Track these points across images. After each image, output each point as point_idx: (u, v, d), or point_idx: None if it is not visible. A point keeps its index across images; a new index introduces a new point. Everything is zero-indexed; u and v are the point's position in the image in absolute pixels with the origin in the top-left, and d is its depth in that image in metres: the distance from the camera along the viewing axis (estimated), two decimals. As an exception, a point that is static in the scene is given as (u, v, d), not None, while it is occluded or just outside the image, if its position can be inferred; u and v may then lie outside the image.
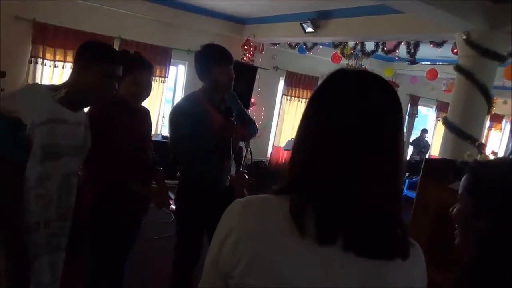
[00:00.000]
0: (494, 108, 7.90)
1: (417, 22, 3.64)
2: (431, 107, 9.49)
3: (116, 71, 1.50)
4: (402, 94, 8.28)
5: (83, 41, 1.55)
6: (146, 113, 2.05)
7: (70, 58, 4.97)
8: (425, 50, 4.92)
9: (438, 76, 6.53)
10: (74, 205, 1.61)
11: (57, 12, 4.84)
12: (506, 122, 10.52)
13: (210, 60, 2.16)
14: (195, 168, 2.22)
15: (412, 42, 4.41)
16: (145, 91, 1.88)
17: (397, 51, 4.74)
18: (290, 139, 6.67)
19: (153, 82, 2.00)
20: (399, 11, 3.69)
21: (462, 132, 3.17)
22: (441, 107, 9.42)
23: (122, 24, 5.32)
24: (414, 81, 7.77)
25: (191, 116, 2.14)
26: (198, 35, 5.91)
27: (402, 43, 4.54)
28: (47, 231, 1.46)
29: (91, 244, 1.85)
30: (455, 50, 3.91)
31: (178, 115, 2.20)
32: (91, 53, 1.46)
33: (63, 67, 5.00)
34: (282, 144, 6.90)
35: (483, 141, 3.25)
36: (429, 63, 6.30)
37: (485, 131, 10.55)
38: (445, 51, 4.85)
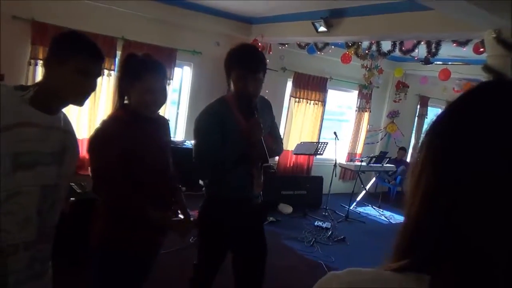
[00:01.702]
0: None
1: (439, 21, 3.43)
2: (440, 108, 9.27)
3: (93, 67, 1.31)
4: (411, 94, 8.07)
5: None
6: (163, 123, 1.83)
7: None
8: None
9: (451, 76, 6.33)
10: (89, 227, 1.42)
11: (57, 12, 4.63)
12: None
13: (231, 62, 1.95)
14: (223, 184, 2.01)
15: (433, 41, 4.19)
16: (160, 98, 1.65)
17: (416, 50, 4.52)
18: (300, 142, 6.46)
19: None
20: (419, 8, 3.50)
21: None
22: (451, 108, 9.20)
23: (125, 24, 5.12)
24: (425, 82, 7.56)
25: (222, 123, 1.92)
26: (204, 35, 5.72)
27: (422, 43, 4.33)
28: (28, 254, 1.26)
29: (99, 277, 1.64)
30: (481, 50, 3.71)
31: (207, 121, 1.97)
32: (64, 47, 1.28)
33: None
34: (290, 147, 6.69)
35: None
36: (441, 63, 6.09)
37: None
38: (458, 51, 4.65)
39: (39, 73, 4.67)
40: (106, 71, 5.06)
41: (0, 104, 1.15)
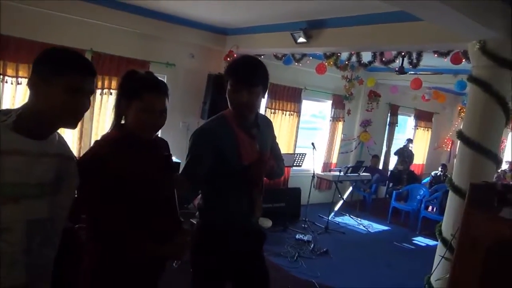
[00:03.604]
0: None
1: (421, 32, 3.45)
2: (409, 116, 9.51)
3: (85, 84, 1.19)
4: (382, 103, 8.21)
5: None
6: (163, 146, 1.66)
7: None
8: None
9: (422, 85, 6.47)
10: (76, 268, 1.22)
11: (21, 24, 4.30)
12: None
13: (226, 72, 1.83)
14: (222, 210, 1.85)
15: (414, 52, 4.23)
16: (159, 119, 1.49)
17: (396, 61, 4.55)
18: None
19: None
20: (401, 20, 3.50)
21: (481, 147, 2.96)
22: (419, 116, 9.48)
23: (94, 36, 4.84)
24: (395, 91, 7.72)
25: (219, 142, 1.78)
26: (178, 47, 5.55)
27: (402, 53, 4.35)
28: None
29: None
30: (463, 61, 3.76)
31: (202, 136, 1.84)
32: (52, 64, 1.16)
33: (27, 84, 4.44)
34: (267, 159, 6.57)
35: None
36: (413, 72, 6.21)
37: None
38: (428, 61, 4.72)
39: (6, 90, 4.33)
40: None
41: None
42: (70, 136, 4.71)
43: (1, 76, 4.28)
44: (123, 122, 1.53)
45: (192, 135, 1.88)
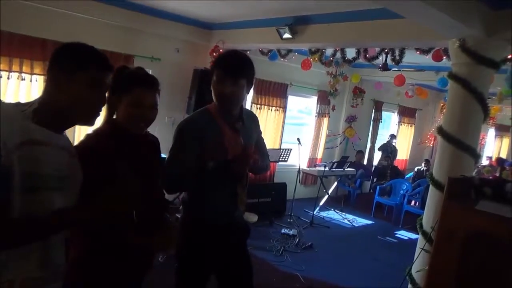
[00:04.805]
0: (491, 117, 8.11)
1: (404, 29, 3.51)
2: (393, 112, 9.65)
3: (106, 79, 1.24)
4: (367, 99, 8.31)
5: (37, 48, 1.23)
6: (153, 142, 1.68)
7: (38, 69, 4.44)
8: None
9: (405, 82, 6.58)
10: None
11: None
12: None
13: (213, 65, 1.85)
14: (207, 204, 1.87)
15: (397, 49, 4.30)
16: (149, 114, 1.51)
17: (380, 58, 4.61)
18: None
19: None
20: (385, 17, 3.56)
21: (461, 142, 3.04)
22: (403, 112, 9.62)
23: (77, 29, 4.76)
24: (379, 87, 7.83)
25: (203, 134, 1.80)
26: (163, 41, 5.51)
27: (386, 50, 4.42)
28: None
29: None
30: (444, 58, 3.84)
31: (187, 127, 1.85)
32: (77, 58, 1.18)
33: (30, 80, 4.45)
34: (253, 154, 6.60)
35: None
36: (396, 69, 6.30)
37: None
38: (411, 57, 4.81)
39: (3, 85, 4.27)
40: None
41: (7, 122, 1.03)
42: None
43: (6, 72, 4.26)
44: (114, 117, 1.55)
45: (177, 126, 1.90)
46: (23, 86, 4.44)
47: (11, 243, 1.04)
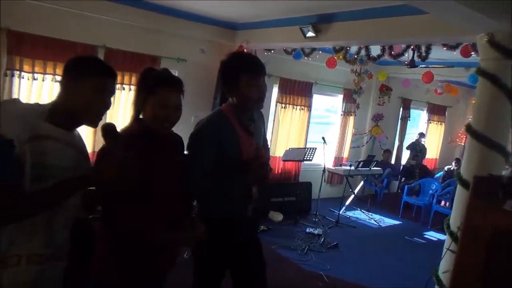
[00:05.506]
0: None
1: (430, 25, 3.43)
2: (422, 110, 9.41)
3: (108, 84, 1.40)
4: (394, 97, 8.15)
5: (63, 51, 1.39)
6: (178, 142, 1.74)
7: (50, 69, 4.57)
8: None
9: (434, 78, 6.42)
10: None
11: (34, 20, 4.42)
12: None
13: (237, 69, 1.86)
14: (219, 202, 1.90)
15: (423, 45, 4.20)
16: (173, 114, 1.57)
17: (405, 54, 4.52)
18: (288, 148, 6.39)
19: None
20: (409, 13, 3.49)
21: (490, 140, 2.95)
22: (432, 110, 9.38)
23: (107, 32, 4.94)
24: (407, 84, 7.65)
25: (220, 140, 1.83)
26: (188, 42, 5.61)
27: (411, 46, 4.33)
28: (32, 269, 1.24)
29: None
30: (472, 53, 3.73)
31: (203, 139, 1.87)
32: (85, 66, 1.38)
33: (43, 80, 4.58)
34: (278, 153, 6.61)
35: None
36: (424, 66, 6.15)
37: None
38: (439, 54, 4.68)
39: (16, 84, 4.45)
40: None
41: (23, 118, 1.21)
42: (85, 131, 4.82)
43: (11, 71, 4.38)
44: (141, 116, 1.62)
45: (197, 132, 1.91)
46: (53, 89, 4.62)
47: (26, 212, 1.20)
